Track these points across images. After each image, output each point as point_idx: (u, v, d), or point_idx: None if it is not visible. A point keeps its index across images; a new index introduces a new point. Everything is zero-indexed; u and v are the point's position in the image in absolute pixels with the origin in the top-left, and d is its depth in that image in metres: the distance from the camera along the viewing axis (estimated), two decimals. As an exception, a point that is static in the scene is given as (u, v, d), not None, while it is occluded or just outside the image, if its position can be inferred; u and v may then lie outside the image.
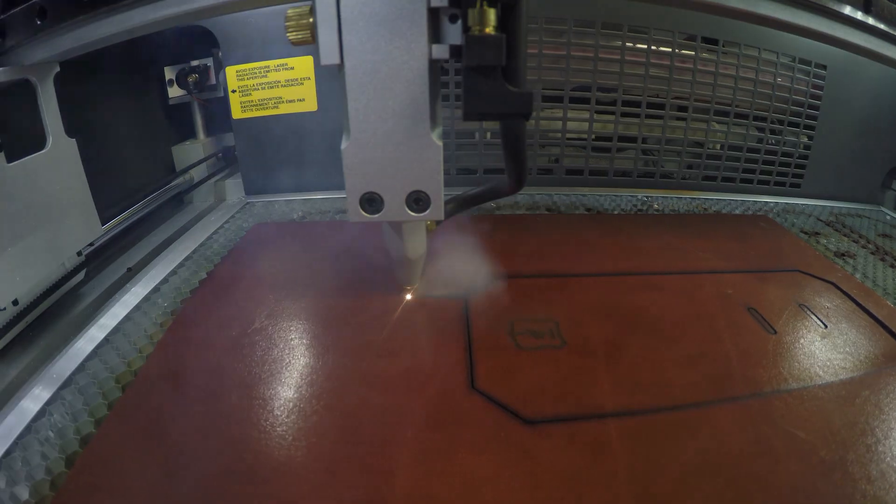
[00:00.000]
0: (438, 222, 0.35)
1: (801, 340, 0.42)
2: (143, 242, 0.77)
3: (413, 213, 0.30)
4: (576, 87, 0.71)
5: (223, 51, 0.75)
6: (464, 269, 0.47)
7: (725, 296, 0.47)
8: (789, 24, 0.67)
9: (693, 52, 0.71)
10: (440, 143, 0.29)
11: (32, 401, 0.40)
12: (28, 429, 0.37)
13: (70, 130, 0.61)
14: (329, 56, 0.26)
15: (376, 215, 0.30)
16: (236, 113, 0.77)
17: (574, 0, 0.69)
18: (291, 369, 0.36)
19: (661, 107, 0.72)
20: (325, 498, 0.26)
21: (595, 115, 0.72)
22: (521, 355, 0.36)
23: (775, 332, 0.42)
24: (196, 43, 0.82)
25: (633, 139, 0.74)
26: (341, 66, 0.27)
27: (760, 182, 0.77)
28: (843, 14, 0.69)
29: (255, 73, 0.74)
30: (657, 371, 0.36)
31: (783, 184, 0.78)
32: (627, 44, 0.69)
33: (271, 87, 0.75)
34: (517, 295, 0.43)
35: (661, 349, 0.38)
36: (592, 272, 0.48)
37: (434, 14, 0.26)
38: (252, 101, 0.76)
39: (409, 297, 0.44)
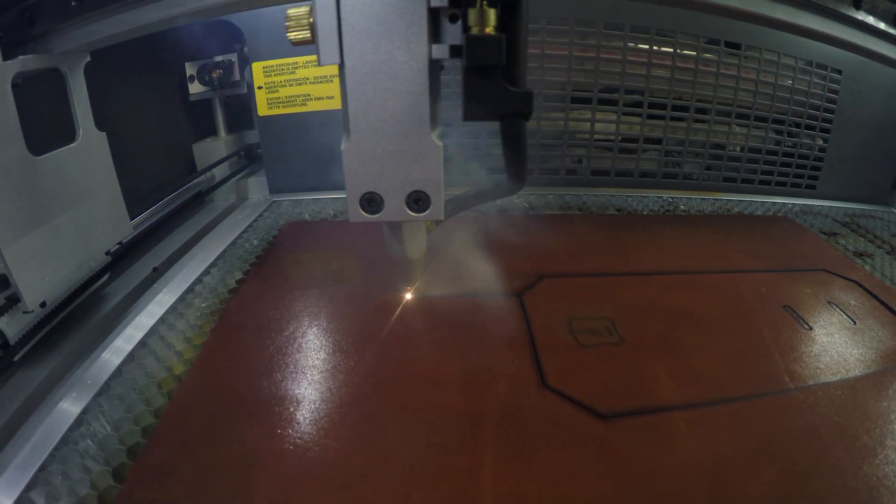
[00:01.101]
0: (438, 222, 0.36)
1: (835, 336, 0.45)
2: (167, 241, 0.77)
3: (413, 213, 0.30)
4: (603, 89, 0.74)
5: (249, 46, 0.76)
6: (514, 268, 0.49)
7: (761, 294, 0.50)
8: (804, 29, 0.71)
9: (716, 57, 0.74)
10: (440, 143, 0.29)
11: (65, 409, 0.39)
12: (65, 440, 0.35)
13: (99, 124, 0.60)
14: (329, 56, 0.27)
15: (376, 215, 0.30)
16: (262, 110, 0.78)
17: (603, 4, 0.71)
18: (355, 371, 0.37)
19: (686, 109, 0.76)
20: (407, 500, 0.27)
21: (620, 118, 0.75)
22: (583, 353, 0.38)
23: (811, 329, 0.46)
24: (216, 38, 0.83)
25: (657, 141, 0.77)
26: (341, 65, 0.27)
27: (778, 183, 0.81)
28: (856, 19, 0.73)
29: (283, 69, 0.75)
30: (711, 365, 0.39)
31: (799, 185, 0.82)
32: (654, 47, 0.72)
33: (300, 84, 0.76)
34: (568, 293, 0.46)
35: (710, 345, 0.41)
36: (634, 271, 0.51)
37: (434, 14, 0.27)
38: (279, 97, 0.77)
39: (409, 296, 0.45)
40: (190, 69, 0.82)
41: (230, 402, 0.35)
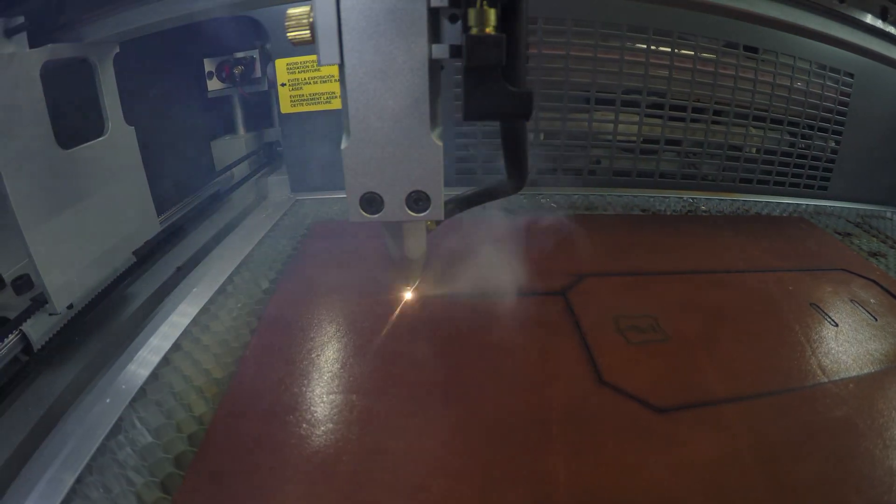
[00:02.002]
0: (438, 222, 0.37)
1: (860, 332, 0.49)
2: (187, 241, 0.77)
3: (413, 213, 0.31)
4: (625, 91, 0.76)
5: (273, 42, 0.76)
6: (553, 267, 0.52)
7: (788, 292, 0.53)
8: (819, 33, 0.75)
9: (735, 60, 0.77)
10: (440, 143, 0.29)
11: (99, 416, 0.37)
12: (101, 450, 0.33)
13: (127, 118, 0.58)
14: (329, 56, 0.27)
15: (376, 215, 0.31)
16: (285, 107, 0.78)
17: (626, 6, 0.74)
18: (409, 373, 0.38)
19: (704, 111, 0.79)
20: (484, 500, 0.28)
21: (632, 119, 0.78)
22: (632, 349, 0.41)
23: (837, 326, 0.49)
24: (236, 33, 0.83)
25: (676, 142, 0.80)
26: (341, 66, 0.27)
27: (791, 184, 0.85)
28: (867, 24, 0.77)
29: (308, 66, 0.76)
30: (751, 360, 0.41)
31: (811, 186, 0.86)
32: (675, 50, 0.75)
33: (324, 82, 0.77)
34: (610, 292, 0.48)
35: (748, 341, 0.44)
36: (669, 270, 0.54)
37: (434, 14, 0.27)
38: (303, 95, 0.78)
39: (409, 295, 0.46)
40: (209, 65, 0.83)
41: (282, 405, 0.35)
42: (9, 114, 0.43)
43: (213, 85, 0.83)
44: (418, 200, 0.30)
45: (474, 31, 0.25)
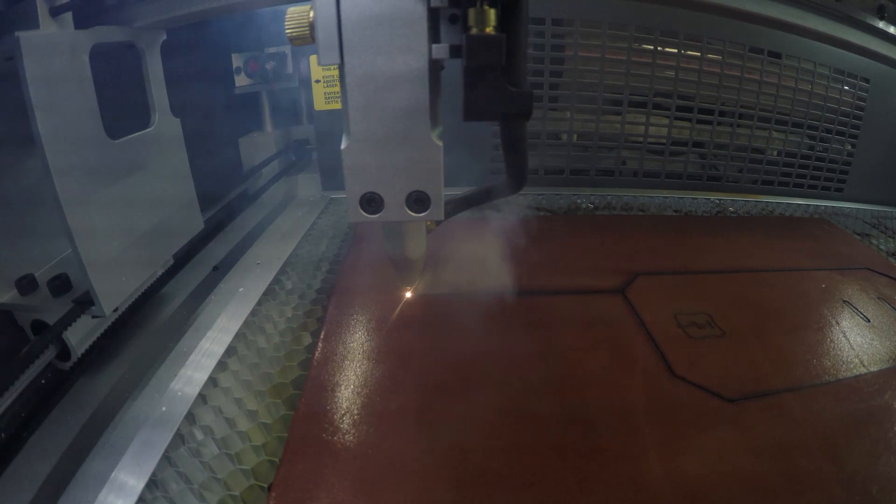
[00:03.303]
0: (439, 222, 0.38)
1: (891, 327, 0.54)
2: (221, 239, 0.78)
3: (413, 214, 0.31)
4: (655, 94, 0.81)
5: (307, 40, 0.78)
6: (606, 266, 0.56)
7: (822, 290, 0.59)
8: (837, 39, 0.81)
9: (759, 65, 0.83)
10: (440, 143, 0.30)
11: (155, 427, 0.36)
12: (165, 462, 0.33)
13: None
14: (329, 56, 0.27)
15: (376, 215, 0.31)
16: (319, 104, 0.80)
17: (658, 10, 0.78)
18: (493, 372, 0.40)
19: (730, 115, 0.84)
20: (590, 493, 0.31)
21: (662, 121, 0.82)
22: (695, 344, 0.45)
23: (869, 321, 0.55)
24: (264, 29, 0.84)
25: (702, 144, 0.85)
26: (341, 66, 0.28)
27: (810, 186, 0.91)
28: (881, 30, 0.83)
29: (344, 65, 0.78)
30: (800, 353, 0.46)
31: (828, 188, 0.92)
32: (706, 55, 0.80)
33: (360, 81, 0.79)
34: (665, 290, 0.53)
35: (795, 335, 0.49)
36: (712, 269, 0.59)
37: (434, 14, 0.27)
38: (337, 92, 0.80)
39: (408, 294, 0.49)
40: (237, 61, 0.84)
41: (363, 407, 0.37)
42: (57, 96, 0.41)
43: (241, 81, 0.84)
44: (418, 200, 0.31)
45: (474, 31, 0.26)
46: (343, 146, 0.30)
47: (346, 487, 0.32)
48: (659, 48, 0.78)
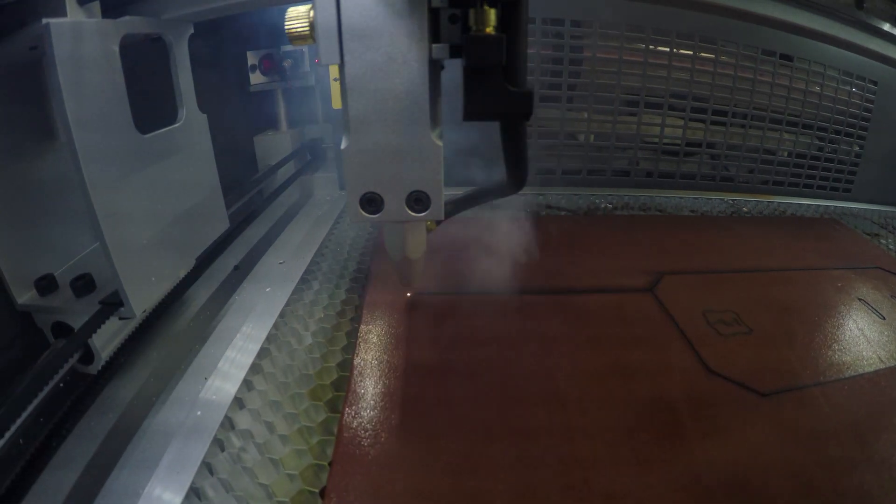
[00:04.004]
0: (438, 222, 0.38)
1: (906, 325, 0.57)
2: (240, 239, 0.79)
3: (413, 213, 0.31)
4: (671, 95, 0.83)
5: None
6: (632, 266, 0.58)
7: (838, 289, 0.61)
8: (845, 42, 0.84)
9: (771, 68, 0.86)
10: (440, 143, 0.30)
11: (189, 433, 0.35)
12: (205, 471, 0.32)
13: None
14: (329, 56, 0.28)
15: (376, 215, 0.31)
16: (337, 103, 0.81)
17: (674, 13, 0.80)
18: (537, 373, 0.42)
19: (743, 116, 0.87)
20: (648, 486, 0.32)
21: (677, 122, 0.85)
22: (725, 341, 0.47)
23: (884, 319, 0.58)
24: (279, 27, 0.85)
25: (714, 145, 0.88)
26: (341, 65, 0.28)
27: (819, 187, 0.94)
28: (888, 32, 0.86)
29: (364, 65, 0.79)
30: (824, 349, 0.49)
31: (837, 189, 0.95)
32: (720, 57, 0.83)
33: (380, 81, 0.80)
34: (691, 289, 0.55)
35: (816, 332, 0.51)
36: (733, 269, 0.61)
37: (434, 14, 0.28)
38: (356, 93, 0.81)
39: (408, 294, 0.50)
40: (252, 58, 0.84)
41: (424, 409, 0.38)
42: (87, 84, 0.40)
43: (256, 79, 0.85)
44: (418, 200, 0.31)
45: (474, 31, 0.26)
46: (343, 146, 0.30)
47: (401, 488, 0.32)
48: (674, 50, 0.81)
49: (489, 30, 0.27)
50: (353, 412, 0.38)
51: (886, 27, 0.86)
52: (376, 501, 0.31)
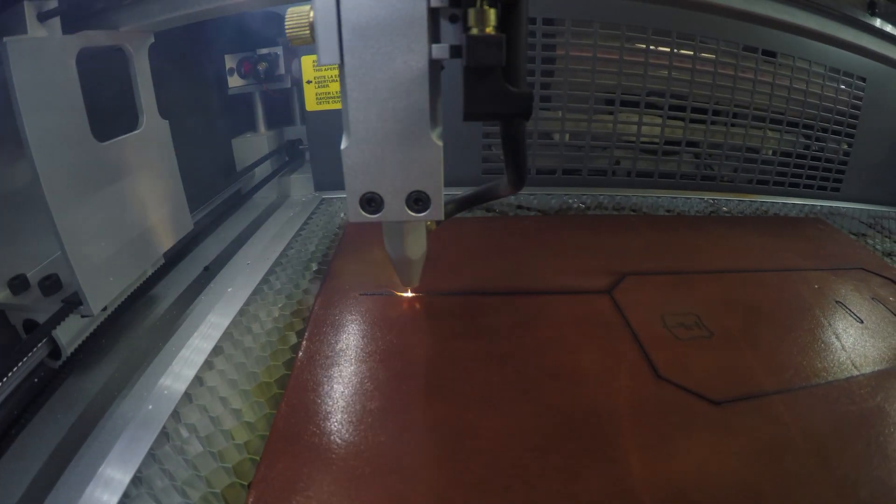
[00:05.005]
0: (438, 222, 0.37)
1: (885, 329, 0.53)
2: (212, 239, 0.78)
3: (413, 214, 0.31)
4: (648, 93, 0.80)
5: (298, 41, 0.78)
6: (594, 266, 0.55)
7: (815, 291, 0.57)
8: (831, 37, 0.79)
9: (754, 64, 0.82)
10: (440, 143, 0.30)
11: (141, 424, 0.36)
12: (147, 461, 0.33)
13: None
14: (329, 56, 0.28)
15: (376, 215, 0.31)
16: (310, 105, 0.80)
17: (650, 9, 0.77)
18: (475, 373, 0.40)
19: (724, 114, 0.83)
20: (573, 496, 0.30)
21: (656, 121, 0.81)
22: (681, 345, 0.44)
23: (862, 322, 0.53)
24: (258, 29, 0.84)
25: (696, 144, 0.84)
26: (341, 65, 0.28)
27: (805, 186, 0.90)
28: (877, 28, 0.82)
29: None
30: (791, 355, 0.45)
31: (825, 188, 0.91)
32: (700, 53, 0.79)
33: (352, 82, 0.78)
34: (653, 290, 0.52)
35: (785, 336, 0.48)
36: (702, 269, 0.58)
37: (434, 14, 0.27)
38: (329, 92, 0.79)
39: (409, 294, 0.49)
40: (230, 62, 0.84)
41: (347, 407, 0.36)
42: (44, 100, 0.41)
43: (234, 82, 0.84)
44: (418, 200, 0.31)
45: (474, 31, 0.26)
46: (343, 146, 0.30)
47: (325, 486, 0.31)
48: (651, 47, 0.78)
49: (489, 30, 0.26)
50: (288, 409, 0.37)
51: (877, 23, 0.82)
52: (299, 495, 0.31)
